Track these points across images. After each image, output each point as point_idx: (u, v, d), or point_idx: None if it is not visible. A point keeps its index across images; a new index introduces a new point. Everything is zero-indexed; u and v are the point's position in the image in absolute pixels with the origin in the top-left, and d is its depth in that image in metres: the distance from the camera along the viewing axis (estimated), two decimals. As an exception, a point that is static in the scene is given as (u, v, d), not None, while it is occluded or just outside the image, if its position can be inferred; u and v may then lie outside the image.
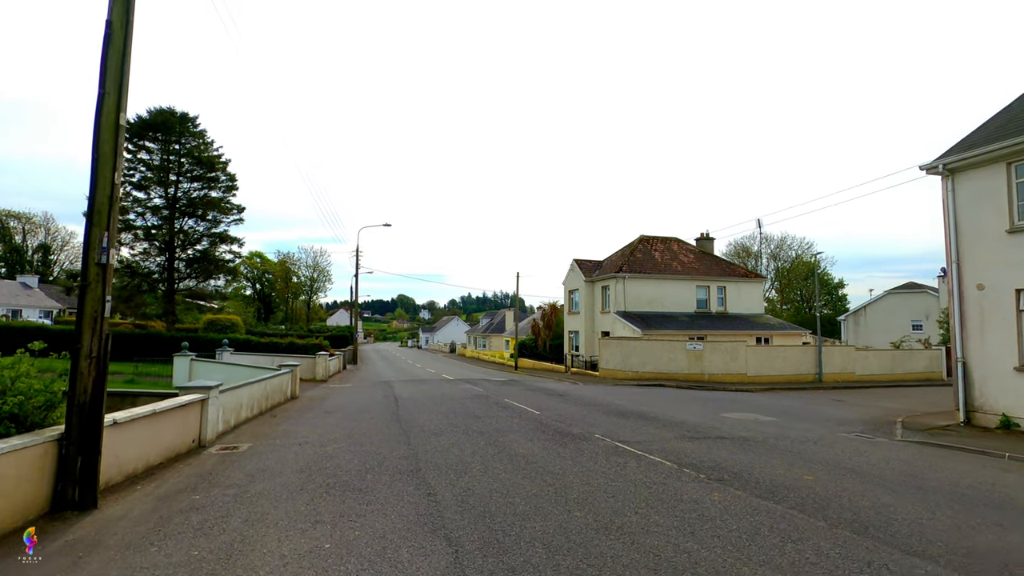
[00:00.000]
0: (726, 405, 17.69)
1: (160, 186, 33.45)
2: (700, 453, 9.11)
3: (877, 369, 31.64)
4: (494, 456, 8.72)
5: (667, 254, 38.36)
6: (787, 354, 29.29)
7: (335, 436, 10.76)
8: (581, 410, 15.16)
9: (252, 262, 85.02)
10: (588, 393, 20.83)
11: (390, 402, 16.85)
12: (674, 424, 12.63)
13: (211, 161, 33.75)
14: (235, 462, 8.53)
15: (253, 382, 13.84)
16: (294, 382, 18.69)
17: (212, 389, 10.14)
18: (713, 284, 36.92)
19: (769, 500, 6.30)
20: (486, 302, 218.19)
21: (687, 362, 27.74)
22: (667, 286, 35.78)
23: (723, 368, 27.47)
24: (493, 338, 78.80)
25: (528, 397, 18.72)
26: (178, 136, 33.60)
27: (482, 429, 11.46)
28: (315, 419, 13.32)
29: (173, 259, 33.76)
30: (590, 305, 38.21)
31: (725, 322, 34.79)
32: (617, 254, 39.64)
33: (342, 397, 18.86)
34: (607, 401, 17.75)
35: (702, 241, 41.18)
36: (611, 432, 11.21)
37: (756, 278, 38.74)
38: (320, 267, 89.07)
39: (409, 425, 12.04)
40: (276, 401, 16.25)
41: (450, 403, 16.56)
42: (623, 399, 18.55)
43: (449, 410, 14.82)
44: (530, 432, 11.10)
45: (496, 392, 20.47)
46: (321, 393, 20.54)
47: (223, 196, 35.69)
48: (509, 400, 17.51)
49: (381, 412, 14.47)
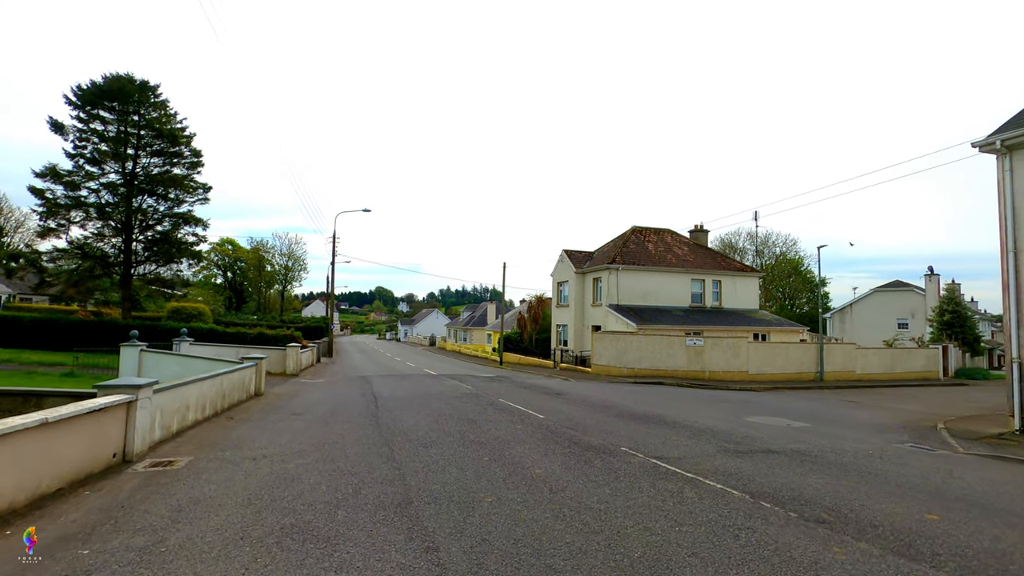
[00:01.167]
0: (743, 407, 16.04)
1: (116, 160, 30.47)
2: (762, 475, 7.30)
3: (877, 368, 30.57)
4: (506, 480, 6.76)
5: (661, 246, 36.78)
6: (789, 352, 27.94)
7: (300, 447, 8.69)
8: (589, 413, 13.30)
9: (223, 249, 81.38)
10: (587, 392, 19.02)
11: (368, 401, 14.76)
12: (703, 432, 10.84)
13: (174, 134, 30.82)
14: (163, 486, 6.42)
15: (205, 378, 11.64)
16: (258, 377, 16.46)
17: (142, 388, 7.97)
18: (708, 278, 35.46)
19: (917, 561, 4.46)
20: (465, 295, 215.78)
21: (686, 359, 26.15)
22: (661, 279, 34.19)
23: (724, 366, 25.95)
24: (474, 331, 76.76)
25: (524, 396, 16.81)
26: (137, 106, 30.61)
27: (482, 439, 9.49)
28: (279, 422, 11.19)
29: (131, 240, 30.87)
30: (580, 298, 36.44)
31: (721, 317, 33.37)
32: (609, 245, 37.91)
33: (314, 394, 16.70)
34: (612, 402, 15.94)
35: (696, 233, 39.71)
36: (638, 443, 9.35)
37: (752, 272, 37.40)
38: (295, 256, 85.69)
39: (392, 432, 10.01)
40: (236, 399, 14.03)
41: (437, 403, 14.54)
42: (629, 399, 16.77)
43: (438, 412, 12.81)
44: (541, 443, 9.18)
45: (487, 390, 18.51)
46: (290, 390, 18.33)
47: (187, 174, 32.77)
48: (504, 400, 15.56)
49: (358, 414, 12.40)
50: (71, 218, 29.21)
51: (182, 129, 32.04)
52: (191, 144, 32.36)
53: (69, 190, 29.29)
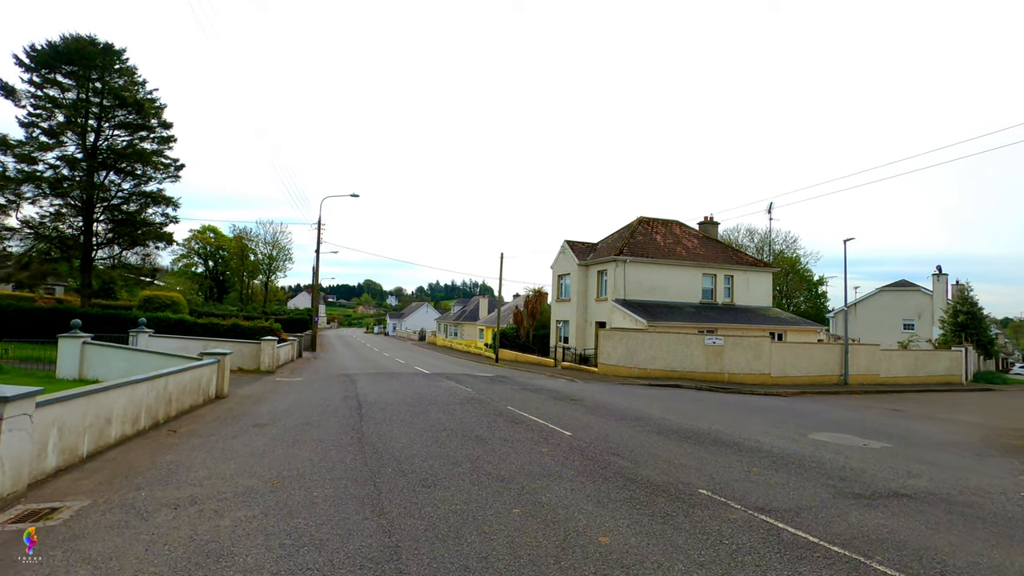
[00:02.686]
0: (792, 418, 13.75)
1: (76, 131, 27.50)
2: (943, 548, 4.93)
3: (901, 371, 28.59)
4: (560, 560, 4.32)
5: (670, 238, 34.47)
6: (812, 353, 25.79)
7: (251, 482, 6.18)
8: (622, 428, 10.90)
9: (205, 237, 77.87)
10: (604, 397, 16.64)
11: (351, 408, 12.25)
12: (783, 459, 8.49)
13: (141, 104, 27.82)
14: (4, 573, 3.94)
15: (139, 381, 9.07)
16: (221, 376, 13.86)
17: (12, 402, 5.43)
18: (720, 272, 33.23)
19: None
20: (455, 290, 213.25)
21: (705, 359, 23.86)
22: (671, 273, 31.90)
23: (745, 367, 23.72)
24: (466, 326, 74.22)
25: (535, 403, 14.37)
26: (100, 72, 27.55)
27: (502, 471, 7.04)
28: (235, 438, 8.67)
29: (91, 221, 27.91)
30: (583, 292, 34.06)
31: (733, 315, 31.17)
32: (614, 236, 35.54)
33: (288, 397, 14.14)
34: (640, 410, 13.56)
35: (705, 225, 37.44)
36: (715, 480, 6.95)
37: (765, 267, 35.20)
38: (280, 245, 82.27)
39: (379, 458, 7.54)
40: (188, 405, 11.46)
41: (435, 411, 12.06)
42: (656, 407, 14.41)
43: (436, 425, 10.34)
44: (585, 481, 6.74)
45: (490, 394, 16.05)
46: (261, 390, 15.74)
47: (157, 148, 29.82)
48: (514, 408, 13.11)
49: (337, 427, 9.89)
50: (23, 194, 26.16)
51: (152, 100, 29.04)
52: (162, 116, 29.38)
53: (21, 163, 26.25)
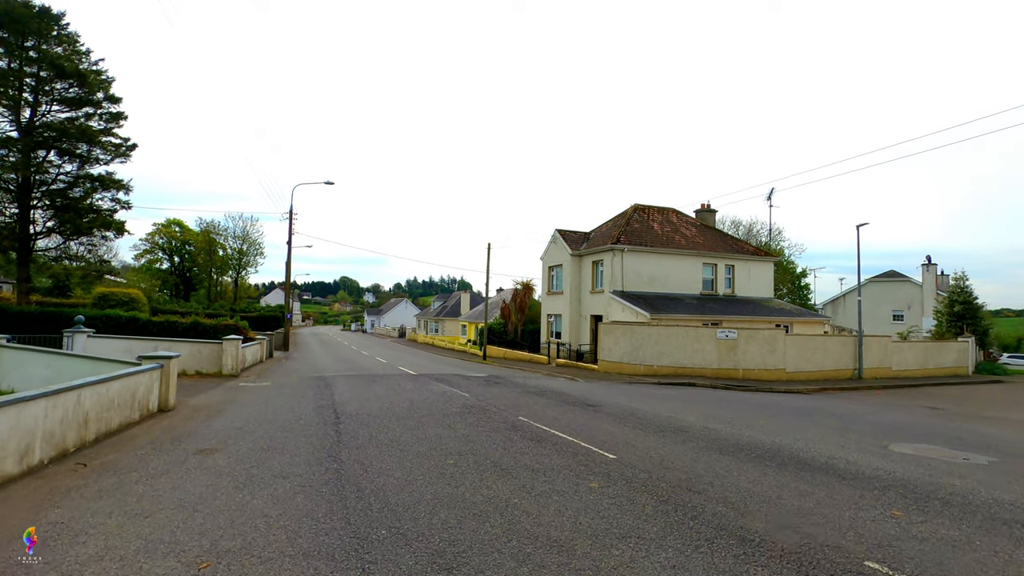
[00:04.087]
0: (843, 423, 11.81)
1: (7, 107, 24.27)
2: None
3: (912, 364, 27.23)
4: None
5: (667, 226, 32.59)
6: (827, 346, 24.15)
7: (166, 570, 3.84)
8: (669, 444, 8.77)
9: (170, 231, 73.77)
10: (618, 400, 14.52)
11: (326, 423, 9.86)
12: (912, 492, 6.45)
13: (83, 75, 24.66)
14: None
15: (29, 398, 6.57)
16: (165, 384, 11.31)
17: None
18: (721, 262, 31.47)
19: None
20: (433, 286, 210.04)
21: (717, 355, 21.97)
22: (670, 263, 30.02)
23: (760, 362, 21.90)
24: (447, 322, 71.75)
25: (547, 411, 12.16)
26: (36, 39, 24.38)
27: (552, 531, 4.80)
28: (162, 476, 6.25)
29: (29, 207, 24.72)
30: (576, 284, 31.99)
31: (736, 306, 29.47)
32: (608, 224, 33.51)
33: (249, 408, 11.66)
34: (672, 417, 11.46)
35: (702, 213, 35.67)
36: (866, 538, 4.82)
37: (766, 256, 33.59)
38: (251, 239, 78.34)
39: (368, 508, 5.23)
40: (115, 424, 8.94)
41: (432, 426, 9.76)
42: (687, 412, 12.34)
43: (438, 446, 8.06)
44: (680, 542, 4.54)
45: (490, 399, 13.79)
46: (219, 399, 13.19)
47: (105, 127, 26.72)
48: (526, 419, 10.88)
49: (308, 452, 7.53)
50: (-57, 176, 22.91)
51: (97, 71, 25.86)
52: (109, 90, 26.23)
53: (-56, 140, 22.99)
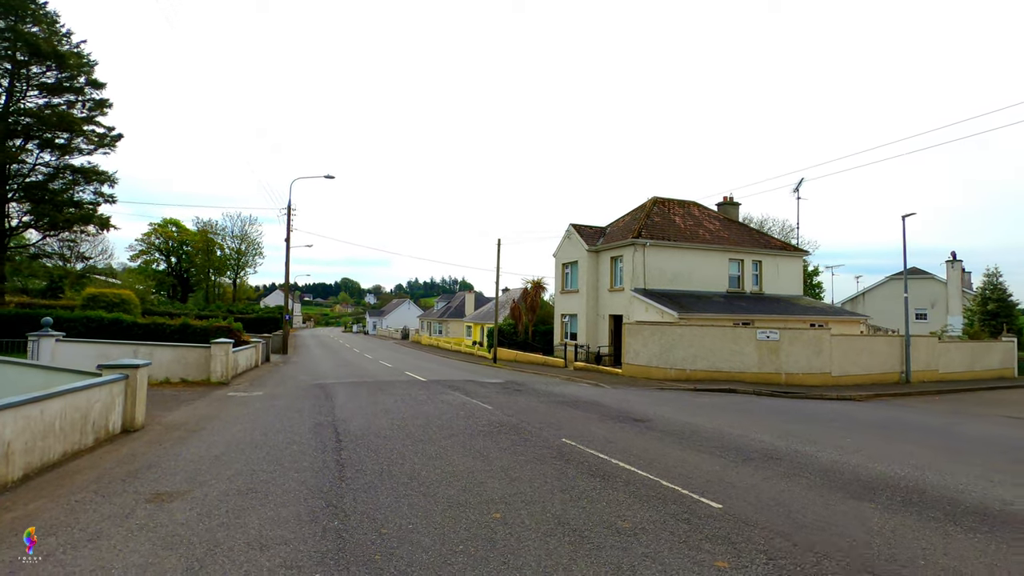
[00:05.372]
0: (949, 441, 9.79)
1: (-20, 91, 22.40)
2: None
3: (959, 365, 25.21)
4: None
5: (689, 220, 30.60)
6: (873, 347, 22.14)
7: None
8: (772, 482, 6.77)
9: (167, 231, 72.00)
10: (664, 411, 12.52)
11: (325, 448, 7.88)
12: None
13: (62, 57, 22.81)
14: None
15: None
16: (131, 399, 9.34)
17: None
18: (748, 257, 29.47)
19: None
20: (434, 287, 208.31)
21: (757, 357, 19.97)
22: (694, 258, 28.03)
23: (805, 365, 19.90)
24: (451, 323, 69.77)
25: (593, 429, 10.16)
26: (9, 18, 22.49)
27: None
28: (81, 548, 4.23)
29: (4, 200, 22.83)
30: (593, 281, 30.00)
31: (765, 304, 27.47)
32: (626, 218, 31.51)
33: (232, 428, 9.67)
34: (743, 436, 9.46)
35: (725, 206, 33.66)
36: None
37: (795, 252, 31.59)
38: (249, 239, 76.65)
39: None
40: (56, 454, 6.96)
41: (458, 453, 7.77)
42: (754, 428, 10.32)
43: (471, 487, 6.06)
44: None
45: (518, 412, 11.81)
46: (201, 413, 11.21)
47: (87, 115, 24.85)
48: (574, 442, 8.86)
49: (301, 499, 5.52)
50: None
51: (78, 54, 23.97)
52: (92, 74, 24.33)
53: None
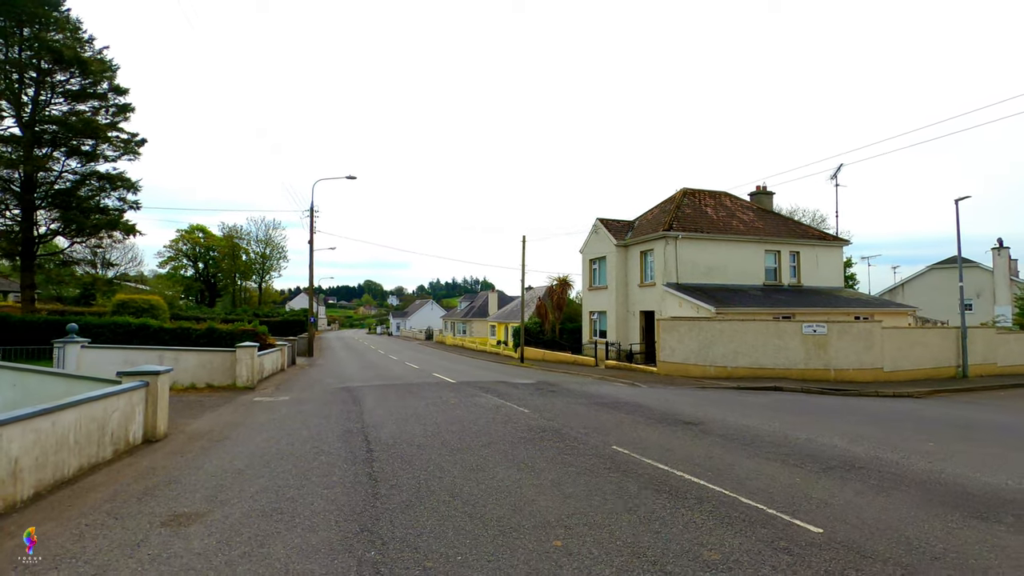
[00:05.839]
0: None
1: (8, 99, 22.49)
2: None
3: (1018, 358, 23.66)
4: None
5: (721, 211, 29.43)
6: (927, 340, 20.84)
7: None
8: (864, 494, 5.86)
9: (193, 237, 73.14)
10: (714, 412, 11.63)
11: (355, 460, 7.23)
12: None
13: (85, 63, 22.77)
14: None
15: None
16: (152, 407, 8.87)
17: None
18: (784, 248, 28.20)
19: None
20: (456, 287, 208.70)
21: (804, 352, 18.86)
22: (728, 251, 26.89)
23: (855, 361, 18.72)
24: (475, 323, 69.34)
25: (643, 435, 9.37)
26: (33, 26, 22.55)
27: None
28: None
29: (32, 208, 22.94)
30: (622, 277, 29.06)
31: (805, 297, 26.21)
32: (655, 211, 30.49)
33: (258, 436, 9.12)
34: (811, 440, 8.54)
35: (758, 196, 32.34)
36: None
37: (834, 241, 30.14)
38: (274, 243, 77.42)
39: None
40: (71, 469, 6.44)
41: (501, 463, 7.05)
42: (817, 429, 9.37)
43: (525, 509, 5.32)
44: None
45: (556, 416, 11.06)
46: (226, 420, 10.73)
47: (112, 121, 24.88)
48: (626, 450, 8.08)
49: (330, 524, 4.84)
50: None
51: (102, 59, 23.98)
52: (114, 79, 24.33)
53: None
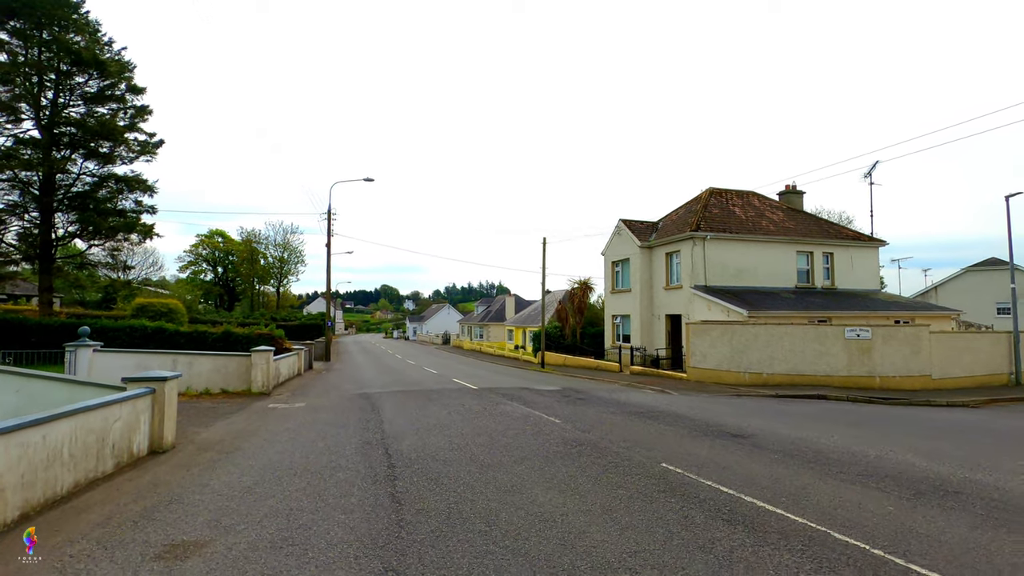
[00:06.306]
0: None
1: (27, 101, 22.42)
2: None
3: (1074, 365, 22.15)
4: None
5: (750, 210, 28.34)
6: (976, 345, 19.57)
7: None
8: (983, 534, 4.97)
9: (213, 242, 73.69)
10: (759, 423, 10.69)
11: (376, 479, 6.48)
12: None
13: (103, 64, 22.62)
14: None
15: None
16: (158, 418, 8.25)
17: None
18: (817, 249, 27.01)
19: None
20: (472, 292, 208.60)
21: (846, 359, 17.77)
22: (758, 252, 25.81)
23: (901, 367, 17.58)
24: (492, 327, 68.67)
25: (690, 449, 8.50)
26: (52, 28, 22.43)
27: None
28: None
29: (51, 210, 22.79)
30: (647, 279, 28.11)
31: (840, 300, 25.00)
32: (680, 211, 29.50)
33: (271, 447, 8.45)
34: (879, 457, 7.60)
35: (788, 196, 31.16)
36: None
37: (870, 241, 28.82)
38: (291, 247, 77.59)
39: None
40: (64, 487, 5.80)
41: (538, 482, 6.25)
42: (881, 444, 8.42)
43: (578, 545, 4.49)
44: None
45: (589, 426, 10.23)
46: (239, 429, 10.09)
47: (131, 123, 24.71)
48: (673, 467, 7.22)
49: (349, 560, 4.12)
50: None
51: (119, 60, 23.81)
52: (132, 80, 24.13)
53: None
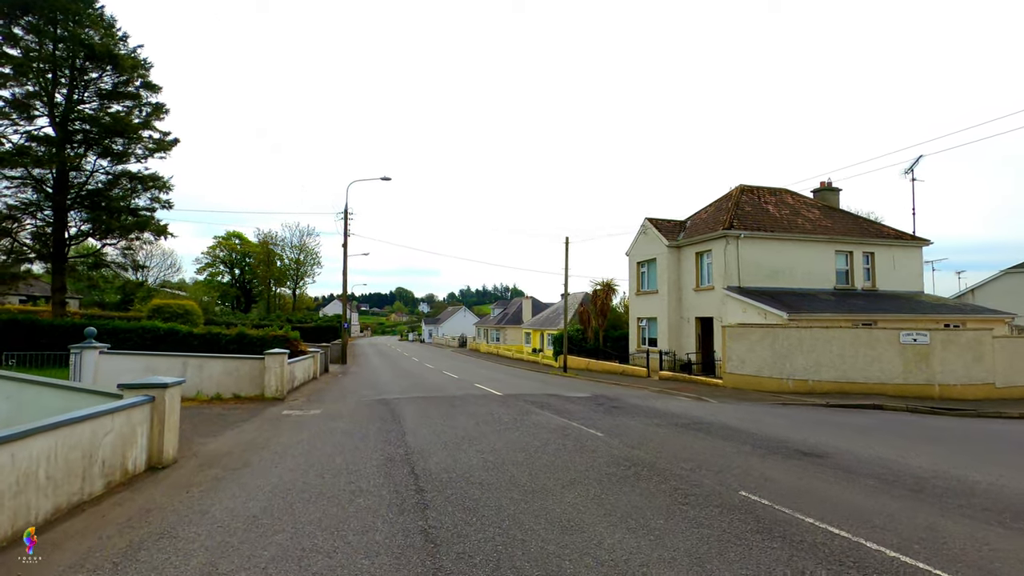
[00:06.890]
0: None
1: (41, 99, 21.97)
2: None
3: None
4: None
5: (783, 208, 26.99)
6: (1042, 350, 18.07)
7: None
8: None
9: (230, 244, 73.84)
10: (825, 439, 9.50)
11: (403, 507, 5.47)
12: None
13: (117, 59, 22.11)
14: None
15: None
16: (157, 429, 7.35)
17: None
18: (857, 249, 25.56)
19: None
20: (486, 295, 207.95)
21: (901, 365, 16.42)
22: (794, 251, 24.46)
23: (963, 375, 16.18)
24: (509, 330, 67.62)
25: (762, 471, 7.37)
26: (67, 24, 21.92)
27: None
28: None
29: (64, 208, 22.29)
30: (675, 280, 26.88)
31: (882, 302, 23.55)
32: (710, 209, 28.23)
33: (283, 463, 7.49)
34: (993, 485, 6.43)
35: (823, 193, 29.71)
36: None
37: (912, 240, 27.27)
38: (308, 248, 77.43)
39: None
40: (41, 514, 4.84)
41: (598, 516, 5.16)
42: (982, 467, 7.22)
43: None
44: None
45: (635, 441, 9.14)
46: (248, 440, 9.17)
47: (146, 120, 24.17)
48: (756, 496, 6.08)
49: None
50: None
51: (135, 56, 23.27)
52: (147, 77, 23.58)
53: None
